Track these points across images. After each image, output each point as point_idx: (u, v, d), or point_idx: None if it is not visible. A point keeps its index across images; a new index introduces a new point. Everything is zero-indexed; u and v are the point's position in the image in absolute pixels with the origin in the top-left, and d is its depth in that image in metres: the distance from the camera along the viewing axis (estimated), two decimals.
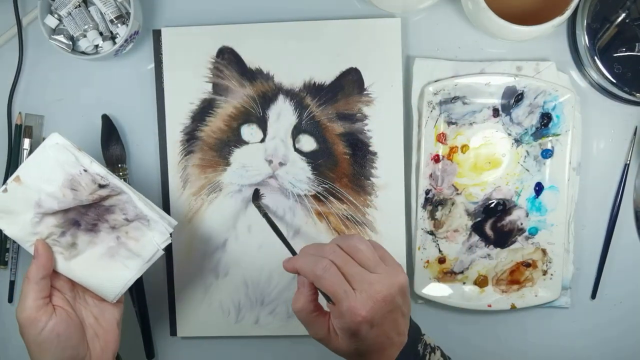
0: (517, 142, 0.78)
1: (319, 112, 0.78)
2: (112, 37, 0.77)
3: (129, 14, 0.76)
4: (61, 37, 0.76)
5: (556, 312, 0.81)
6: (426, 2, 0.75)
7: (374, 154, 0.78)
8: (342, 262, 0.61)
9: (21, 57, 0.80)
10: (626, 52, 0.74)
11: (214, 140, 0.79)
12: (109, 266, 0.67)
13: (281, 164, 0.78)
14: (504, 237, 0.79)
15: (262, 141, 0.79)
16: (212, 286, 0.80)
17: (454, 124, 0.78)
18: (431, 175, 0.78)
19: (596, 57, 0.74)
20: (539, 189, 0.78)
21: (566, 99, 0.76)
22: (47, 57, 0.81)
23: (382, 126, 0.78)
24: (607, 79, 0.75)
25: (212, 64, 0.79)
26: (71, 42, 0.76)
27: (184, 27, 0.79)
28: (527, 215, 0.79)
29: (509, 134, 0.78)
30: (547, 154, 0.78)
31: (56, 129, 0.81)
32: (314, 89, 0.78)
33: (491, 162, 0.79)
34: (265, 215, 0.73)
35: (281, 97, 0.78)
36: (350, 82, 0.78)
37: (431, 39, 0.79)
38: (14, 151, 0.80)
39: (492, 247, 0.79)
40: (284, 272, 0.79)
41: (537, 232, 0.79)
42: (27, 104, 0.81)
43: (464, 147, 0.78)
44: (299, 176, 0.78)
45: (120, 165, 0.79)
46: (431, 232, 0.79)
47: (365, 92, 0.78)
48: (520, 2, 0.75)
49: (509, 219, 0.79)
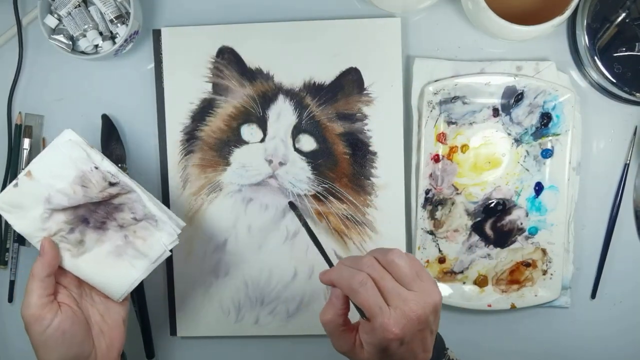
0: (517, 141, 0.78)
1: (318, 112, 0.78)
2: (112, 37, 0.77)
3: (128, 13, 0.76)
4: (61, 37, 0.76)
5: (556, 312, 0.81)
6: (426, 2, 0.75)
7: (374, 153, 0.78)
8: (379, 277, 0.59)
9: (21, 57, 0.80)
10: (626, 52, 0.74)
11: (214, 140, 0.79)
12: (116, 265, 0.67)
13: (281, 164, 0.78)
14: (503, 237, 0.79)
15: (262, 141, 0.79)
16: (212, 286, 0.80)
17: (454, 123, 0.78)
18: (431, 175, 0.78)
19: (596, 57, 0.74)
20: (539, 188, 0.78)
21: (566, 98, 0.76)
22: (47, 57, 0.81)
23: (382, 126, 0.78)
24: (607, 78, 0.75)
25: (212, 63, 0.79)
26: (71, 42, 0.76)
27: (184, 27, 0.79)
28: (527, 215, 0.79)
29: (509, 134, 0.78)
30: (547, 153, 0.78)
31: (56, 128, 0.81)
32: (314, 89, 0.78)
33: (491, 161, 0.79)
34: (305, 224, 0.70)
35: (281, 97, 0.78)
36: (350, 82, 0.78)
37: (431, 38, 0.79)
38: (14, 151, 0.80)
39: (492, 247, 0.79)
40: (283, 272, 0.80)
41: (537, 232, 0.79)
42: (27, 104, 0.81)
43: (464, 147, 0.78)
44: (298, 176, 0.78)
45: (120, 165, 0.79)
46: (431, 232, 0.79)
47: (365, 92, 0.78)
48: (520, 2, 0.75)
49: (508, 218, 0.79)
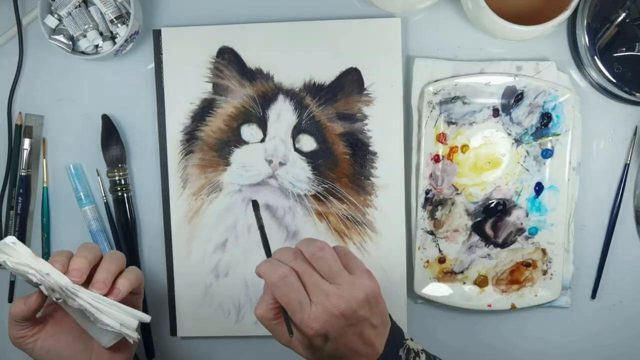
0: (517, 142, 0.78)
1: (319, 112, 0.78)
2: (112, 37, 0.77)
3: (129, 14, 0.76)
4: (61, 37, 0.76)
5: (556, 312, 0.81)
6: (426, 2, 0.75)
7: (374, 153, 0.78)
8: (302, 270, 0.59)
9: (21, 57, 0.80)
10: (626, 51, 0.74)
11: (214, 140, 0.79)
12: (94, 324, 0.65)
13: (281, 164, 0.78)
14: (504, 237, 0.79)
15: (262, 141, 0.79)
16: (212, 286, 0.80)
17: (454, 123, 0.78)
18: (431, 175, 0.78)
19: (596, 57, 0.74)
20: (539, 188, 0.78)
21: (566, 98, 0.76)
22: (47, 57, 0.81)
23: (382, 126, 0.78)
24: (607, 78, 0.75)
25: (212, 64, 0.79)
26: (71, 42, 0.76)
27: (184, 27, 0.79)
28: (527, 215, 0.79)
29: (509, 134, 0.78)
30: (547, 153, 0.78)
31: (56, 128, 0.81)
32: (314, 89, 0.78)
33: (491, 162, 0.79)
34: (261, 227, 0.71)
35: (281, 97, 0.78)
36: (350, 82, 0.78)
37: (431, 38, 0.79)
38: (14, 151, 0.80)
39: (492, 247, 0.79)
40: None
41: (537, 232, 0.79)
42: (27, 104, 0.81)
43: (464, 147, 0.78)
44: (299, 176, 0.78)
45: (120, 165, 0.79)
46: (431, 232, 0.79)
47: (365, 92, 0.78)
48: (520, 2, 0.75)
49: (508, 218, 0.79)
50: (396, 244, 0.78)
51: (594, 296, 0.81)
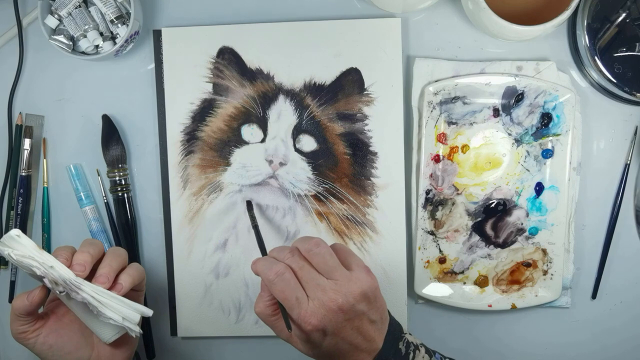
0: (518, 142, 0.78)
1: (319, 112, 0.78)
2: (113, 38, 0.77)
3: (129, 14, 0.76)
4: (61, 38, 0.76)
5: (557, 312, 0.81)
6: (426, 2, 0.75)
7: (374, 154, 0.78)
8: (298, 267, 0.59)
9: (21, 57, 0.80)
10: (626, 52, 0.74)
11: (214, 140, 0.79)
12: (96, 319, 0.66)
13: (281, 164, 0.78)
14: (504, 237, 0.79)
15: (263, 141, 0.79)
16: (212, 286, 0.80)
17: (454, 124, 0.78)
18: (431, 175, 0.78)
19: (596, 57, 0.74)
20: (540, 188, 0.78)
21: (566, 98, 0.76)
22: (47, 58, 0.81)
23: (382, 126, 0.78)
24: (607, 78, 0.75)
25: (212, 64, 0.79)
26: (71, 43, 0.76)
27: (184, 27, 0.79)
28: (527, 215, 0.79)
29: (509, 134, 0.78)
30: (547, 153, 0.78)
31: (56, 129, 0.81)
32: (314, 89, 0.78)
33: (491, 162, 0.79)
34: (255, 227, 0.72)
35: (281, 97, 0.78)
36: (350, 82, 0.78)
37: (431, 39, 0.79)
38: (14, 151, 0.80)
39: (492, 247, 0.79)
40: None
41: (537, 232, 0.79)
42: (27, 104, 0.81)
43: (465, 147, 0.78)
44: (299, 176, 0.78)
45: (120, 165, 0.79)
46: (431, 232, 0.79)
47: (365, 92, 0.78)
48: (520, 2, 0.75)
49: (509, 219, 0.79)
50: (396, 244, 0.78)
51: (594, 296, 0.81)
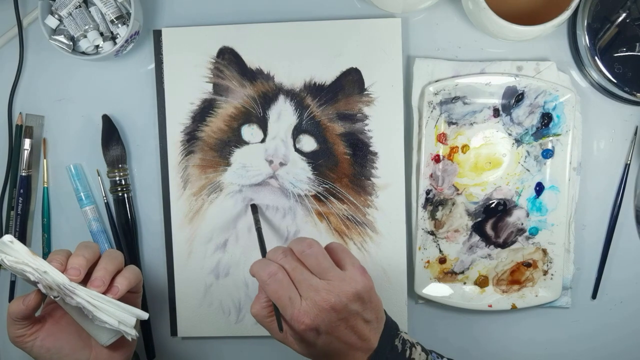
0: (518, 142, 0.78)
1: (319, 112, 0.78)
2: (113, 38, 0.77)
3: (129, 14, 0.76)
4: (62, 38, 0.76)
5: (557, 312, 0.81)
6: (426, 2, 0.75)
7: (375, 154, 0.78)
8: (291, 268, 0.60)
9: (22, 57, 0.80)
10: (627, 52, 0.74)
11: (214, 140, 0.79)
12: (93, 323, 0.66)
13: (282, 164, 0.78)
14: (504, 237, 0.79)
15: (263, 141, 0.79)
16: (212, 286, 0.80)
17: (454, 124, 0.78)
18: (432, 175, 0.78)
19: (597, 57, 0.74)
20: (540, 189, 0.78)
21: (567, 99, 0.76)
22: (47, 58, 0.81)
23: (382, 126, 0.78)
24: (607, 78, 0.75)
25: (212, 64, 0.79)
26: (72, 43, 0.77)
27: (184, 27, 0.79)
28: (527, 215, 0.79)
29: (510, 134, 0.78)
30: (547, 154, 0.78)
31: (57, 129, 0.81)
32: (315, 89, 0.78)
33: (492, 162, 0.79)
34: (258, 229, 0.72)
35: (281, 97, 0.78)
36: (350, 82, 0.78)
37: (431, 39, 0.79)
38: (14, 151, 0.80)
39: (492, 247, 0.79)
40: None
41: (537, 232, 0.79)
42: (27, 104, 0.81)
43: (465, 147, 0.78)
44: (299, 176, 0.78)
45: (120, 165, 0.79)
46: (432, 232, 0.79)
47: (365, 92, 0.78)
48: (520, 2, 0.75)
49: (509, 219, 0.79)
50: (397, 244, 0.78)
51: (594, 296, 0.81)
